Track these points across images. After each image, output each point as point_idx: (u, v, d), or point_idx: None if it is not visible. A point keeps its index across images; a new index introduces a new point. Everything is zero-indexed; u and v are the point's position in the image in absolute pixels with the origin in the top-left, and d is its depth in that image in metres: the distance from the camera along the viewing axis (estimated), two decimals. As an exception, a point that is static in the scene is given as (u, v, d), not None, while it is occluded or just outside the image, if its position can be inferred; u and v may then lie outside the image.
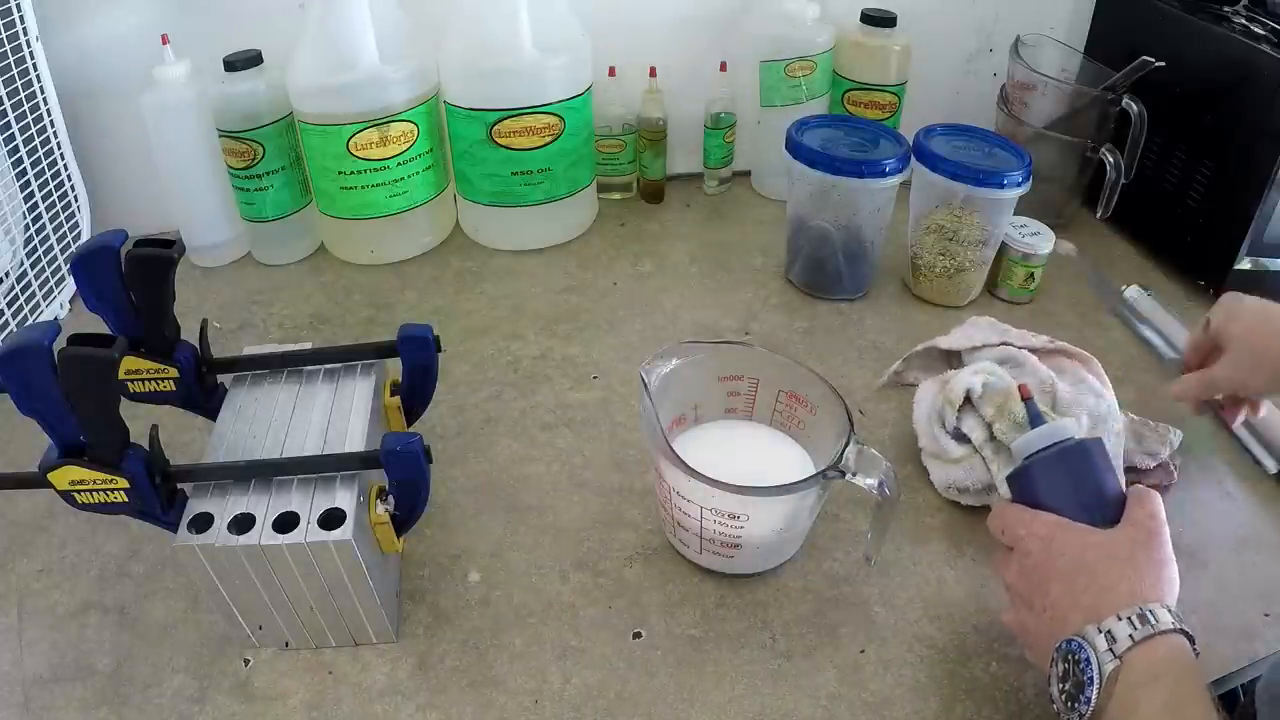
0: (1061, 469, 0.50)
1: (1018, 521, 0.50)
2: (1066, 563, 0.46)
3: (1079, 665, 0.43)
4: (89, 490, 0.49)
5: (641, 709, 0.53)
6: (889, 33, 0.97)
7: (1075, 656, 0.43)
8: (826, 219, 0.86)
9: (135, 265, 0.52)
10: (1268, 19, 0.85)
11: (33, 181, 0.83)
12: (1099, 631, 0.43)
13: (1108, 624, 0.43)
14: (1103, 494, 0.49)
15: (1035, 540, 0.48)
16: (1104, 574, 0.45)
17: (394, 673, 0.55)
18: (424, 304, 0.89)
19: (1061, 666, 0.44)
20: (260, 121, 0.86)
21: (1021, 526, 0.49)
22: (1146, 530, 0.47)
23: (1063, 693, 0.44)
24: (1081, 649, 0.43)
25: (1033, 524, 0.49)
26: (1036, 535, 0.48)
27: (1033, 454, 0.51)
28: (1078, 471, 0.50)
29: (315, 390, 0.59)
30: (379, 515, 0.52)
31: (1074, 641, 0.44)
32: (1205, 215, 0.88)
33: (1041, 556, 0.47)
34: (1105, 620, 0.43)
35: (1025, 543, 0.49)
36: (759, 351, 0.62)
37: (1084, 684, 0.42)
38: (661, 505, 0.59)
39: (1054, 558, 0.47)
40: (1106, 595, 0.44)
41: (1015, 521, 0.50)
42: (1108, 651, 0.42)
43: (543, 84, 0.88)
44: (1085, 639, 0.43)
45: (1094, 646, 0.42)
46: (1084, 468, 0.50)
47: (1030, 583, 0.48)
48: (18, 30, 0.80)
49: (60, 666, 0.55)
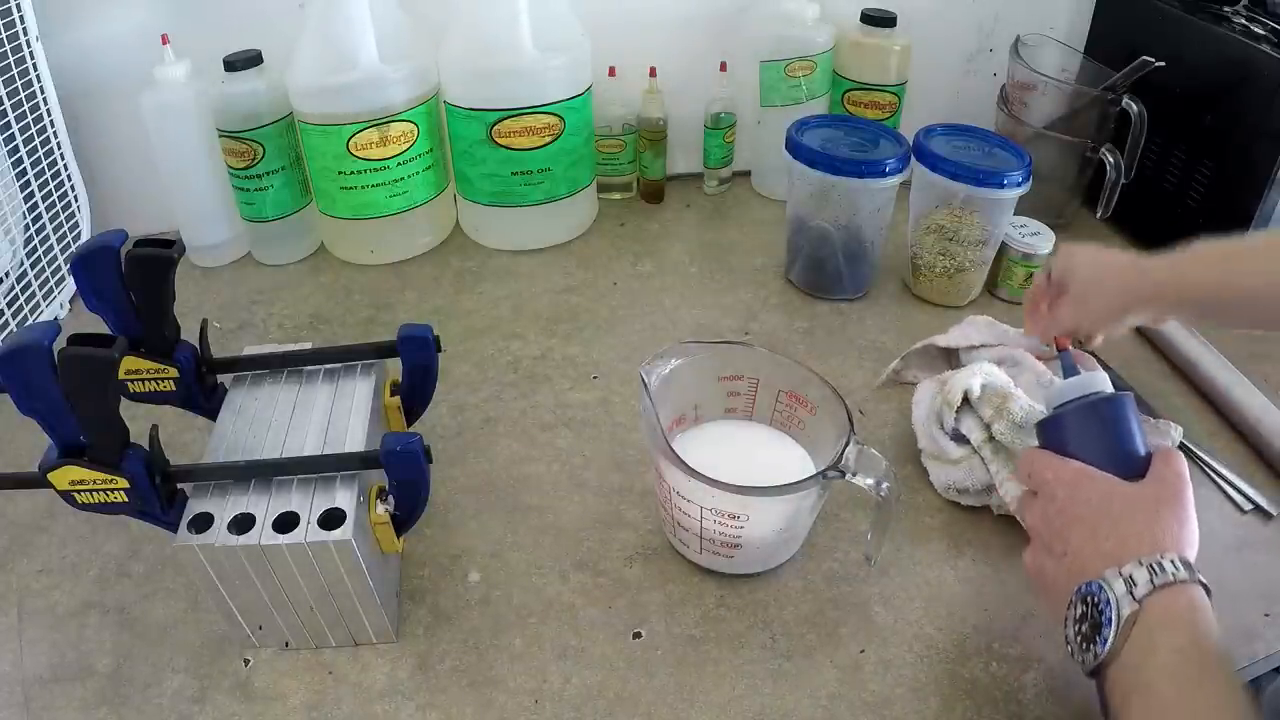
0: (1092, 420, 0.50)
1: (1045, 466, 0.50)
2: (1090, 509, 0.47)
3: (1097, 607, 0.43)
4: (89, 490, 0.49)
5: (641, 709, 0.53)
6: (889, 33, 0.97)
7: (1094, 599, 0.43)
8: (826, 219, 0.86)
9: (135, 265, 0.52)
10: (1268, 19, 0.85)
11: (33, 181, 0.83)
12: (1119, 576, 0.43)
13: (1128, 569, 0.43)
14: (1130, 449, 0.49)
15: (1061, 485, 0.48)
16: (1127, 522, 0.45)
17: (394, 673, 0.55)
18: (424, 304, 0.89)
19: (1079, 609, 0.44)
20: (260, 121, 0.86)
21: (1049, 471, 0.49)
22: (1172, 487, 0.47)
23: (1078, 634, 0.44)
24: (1101, 591, 0.43)
25: (1060, 469, 0.49)
26: (1063, 481, 0.48)
27: (1064, 403, 0.51)
28: (1108, 424, 0.50)
29: (315, 390, 0.59)
30: (379, 515, 0.52)
31: (1094, 584, 0.44)
32: (1205, 215, 0.88)
33: (1066, 502, 0.48)
34: (1126, 565, 0.43)
35: (1051, 487, 0.49)
36: (759, 351, 0.62)
37: (1101, 625, 0.42)
38: (661, 505, 0.59)
39: (1078, 504, 0.47)
40: (1129, 542, 0.44)
41: (1043, 466, 0.50)
42: (1127, 595, 0.42)
43: (543, 84, 0.88)
44: (1105, 582, 0.43)
45: (1114, 590, 0.43)
46: (1114, 421, 0.50)
47: (1053, 527, 0.48)
48: (18, 30, 0.80)
49: (60, 666, 0.55)
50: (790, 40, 0.97)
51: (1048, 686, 0.54)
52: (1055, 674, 0.54)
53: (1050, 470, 0.50)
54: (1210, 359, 0.77)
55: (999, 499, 0.62)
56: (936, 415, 0.67)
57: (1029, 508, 0.51)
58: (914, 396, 0.71)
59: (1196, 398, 0.76)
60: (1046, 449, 0.52)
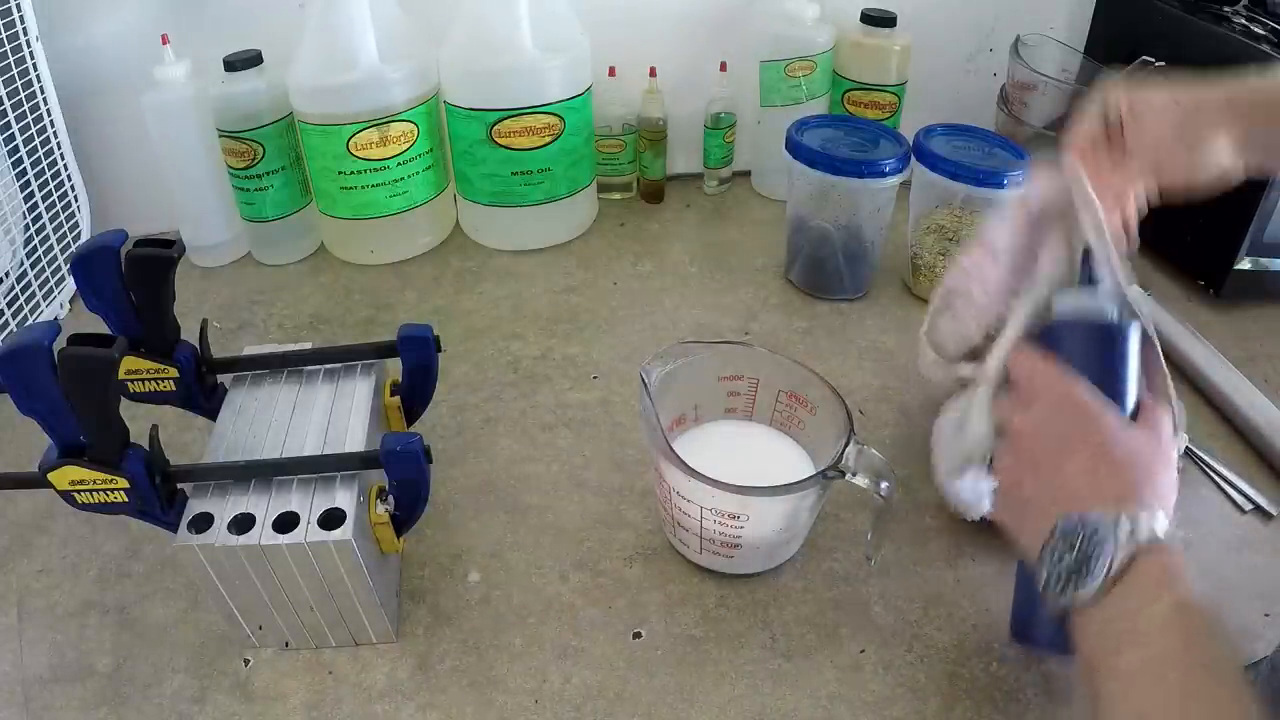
0: (1094, 342, 0.47)
1: (1052, 380, 0.47)
2: (1094, 443, 0.44)
3: (1090, 541, 0.41)
4: (89, 490, 0.49)
5: (641, 709, 0.53)
6: (889, 33, 0.97)
7: (1088, 534, 0.41)
8: (826, 219, 0.86)
9: (135, 265, 0.52)
10: (1268, 19, 0.85)
11: (33, 181, 0.83)
12: (1121, 517, 0.41)
13: (1131, 512, 0.41)
14: (1125, 387, 0.47)
15: (1067, 406, 0.46)
16: (1129, 470, 0.44)
17: (394, 673, 0.55)
18: (424, 304, 0.89)
19: (1066, 539, 0.42)
20: (260, 121, 0.86)
21: (1059, 384, 0.46)
22: (1167, 449, 0.45)
23: (1058, 566, 0.42)
24: (1098, 528, 0.41)
25: (1069, 390, 0.46)
26: (1068, 403, 0.46)
27: (1075, 314, 0.48)
28: (1109, 352, 0.47)
29: (315, 390, 0.59)
30: (379, 515, 0.52)
31: (1089, 517, 0.42)
32: (1205, 215, 0.88)
33: (1067, 428, 0.45)
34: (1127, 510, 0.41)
35: (1056, 403, 0.46)
36: (759, 351, 0.62)
37: (1091, 562, 0.41)
38: (661, 505, 0.59)
39: (1081, 435, 0.45)
40: (1130, 489, 0.43)
41: (1048, 379, 0.47)
42: (1130, 540, 0.40)
43: (543, 84, 0.88)
44: (1104, 520, 0.41)
45: (1114, 530, 0.41)
46: (1120, 355, 0.47)
47: (1044, 448, 0.46)
48: (18, 30, 0.80)
49: (60, 666, 0.55)
50: (790, 40, 0.97)
51: (1047, 686, 0.54)
52: (1055, 674, 0.54)
53: (1059, 385, 0.46)
54: (1210, 359, 0.77)
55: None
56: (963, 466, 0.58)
57: (1016, 410, 0.48)
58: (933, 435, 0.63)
59: (1196, 398, 0.76)
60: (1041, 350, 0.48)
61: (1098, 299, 0.47)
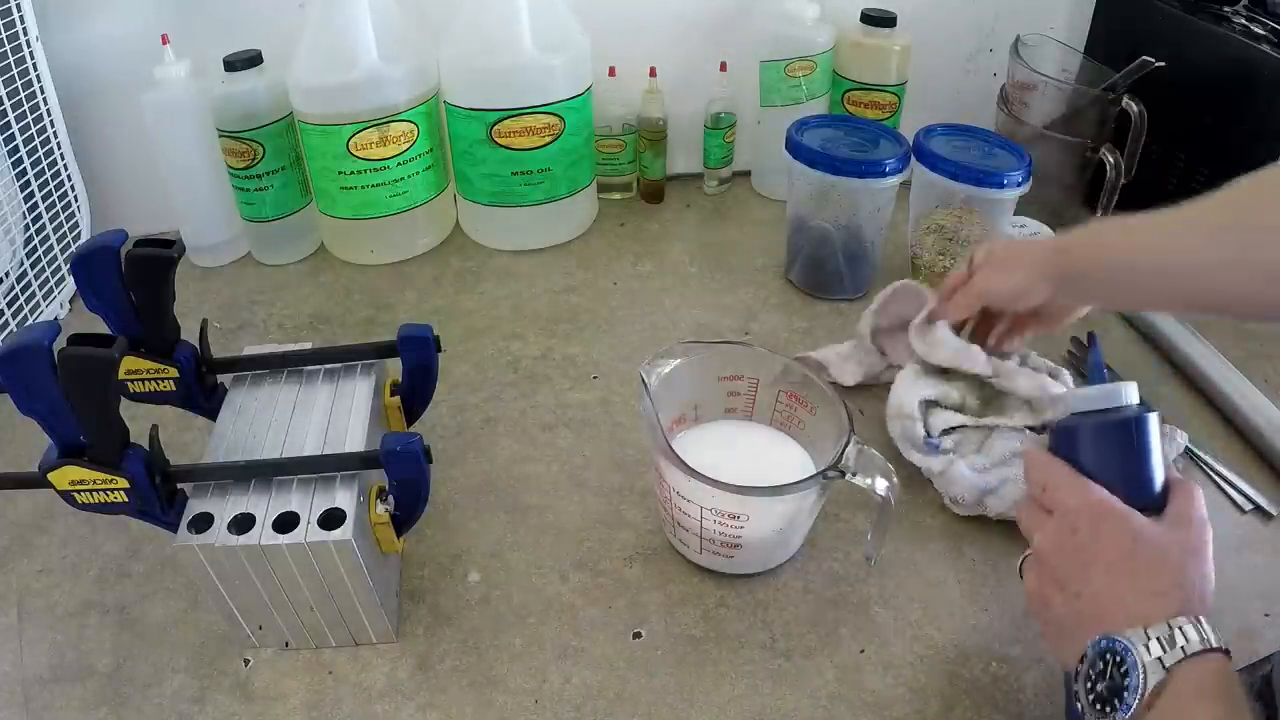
0: (1117, 440, 0.46)
1: (1068, 488, 0.46)
2: (1116, 554, 0.43)
3: (1119, 668, 0.40)
4: (89, 490, 0.49)
5: (641, 709, 0.53)
6: (889, 33, 0.97)
7: (1116, 658, 0.40)
8: (826, 219, 0.86)
9: (135, 265, 0.52)
10: (1268, 19, 0.85)
11: (33, 181, 0.83)
12: (1145, 638, 0.40)
13: (1155, 631, 0.40)
14: (1150, 477, 0.46)
15: (1084, 518, 0.45)
16: (1155, 577, 0.42)
17: (394, 673, 0.55)
18: (424, 304, 0.89)
19: (1097, 665, 0.41)
20: (260, 121, 0.86)
21: (1070, 496, 0.46)
22: (1198, 536, 0.44)
23: (1092, 692, 0.41)
24: (1126, 652, 0.40)
25: (1084, 498, 0.45)
26: (1086, 512, 0.45)
27: (1087, 412, 0.47)
28: (1132, 447, 0.46)
29: (315, 390, 0.59)
30: (379, 515, 0.52)
31: (1116, 642, 0.41)
32: (1205, 215, 0.88)
33: (1088, 538, 0.44)
34: (1153, 627, 0.40)
35: (1072, 517, 0.45)
36: (759, 351, 0.62)
37: (1124, 690, 0.40)
38: (661, 505, 0.59)
39: (1103, 544, 0.44)
40: (1156, 600, 0.41)
41: (1064, 486, 0.46)
42: (1156, 661, 0.39)
43: (543, 84, 0.88)
44: (1130, 643, 0.40)
45: (1140, 653, 0.40)
46: (1141, 447, 0.46)
47: (1069, 562, 0.45)
48: (18, 30, 0.80)
49: (60, 666, 0.55)
50: (790, 40, 0.97)
51: (1048, 686, 0.54)
52: (1055, 674, 0.54)
53: (1072, 496, 0.46)
54: (1210, 359, 0.77)
55: (994, 505, 0.62)
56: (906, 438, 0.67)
57: (1039, 526, 0.47)
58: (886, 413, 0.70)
59: (1196, 397, 0.76)
60: (1057, 455, 0.48)
61: (1113, 391, 0.47)
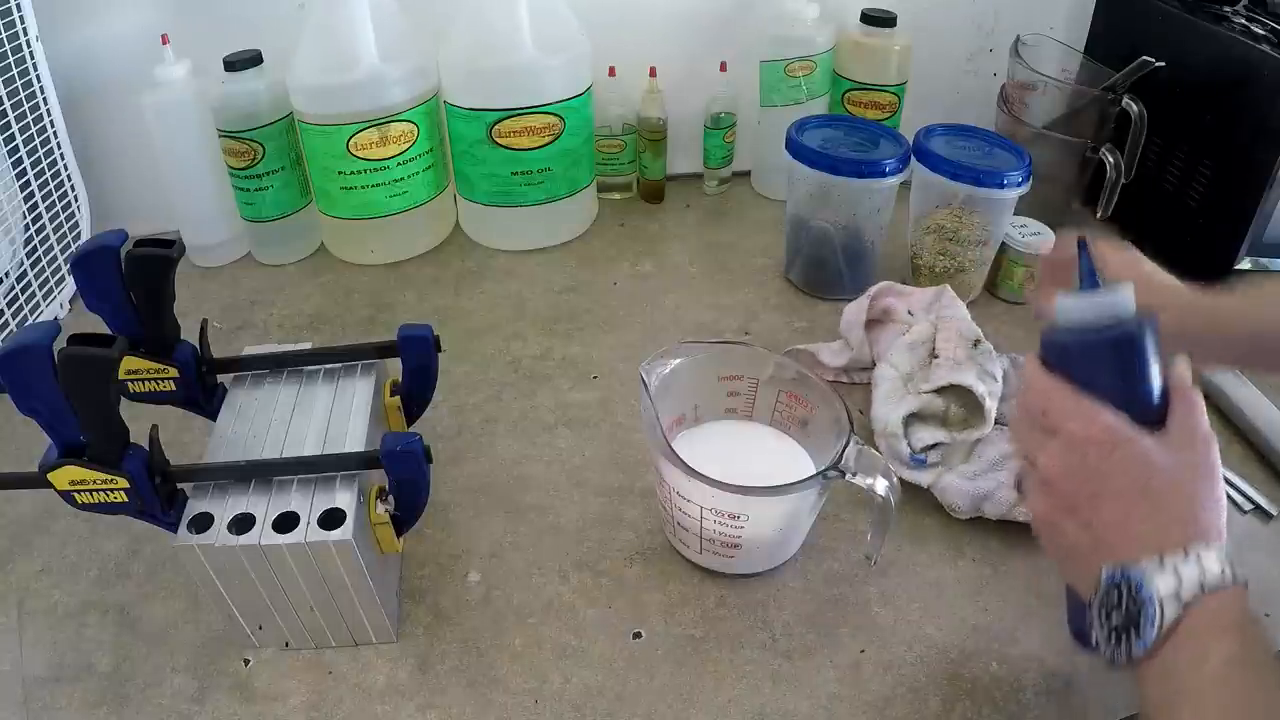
0: (1113, 357, 0.43)
1: (1073, 414, 0.43)
2: (1128, 482, 0.42)
3: (1135, 601, 0.39)
4: (89, 490, 0.49)
5: (641, 709, 0.53)
6: (889, 32, 0.97)
7: (1132, 591, 0.39)
8: (826, 219, 0.86)
9: (135, 265, 0.52)
10: (1268, 19, 0.85)
11: (33, 181, 0.83)
12: (1161, 569, 0.39)
13: (1172, 561, 0.39)
14: (1150, 390, 0.43)
15: (1094, 446, 0.42)
16: (1168, 505, 0.41)
17: (394, 673, 0.55)
18: (424, 304, 0.89)
19: (1112, 596, 0.40)
20: (260, 121, 0.86)
21: (1073, 421, 0.43)
22: (1205, 454, 0.42)
23: (1107, 624, 0.40)
24: (1141, 586, 0.39)
25: (1092, 424, 0.43)
26: (1094, 441, 0.42)
27: (1081, 326, 0.43)
28: (1131, 364, 0.43)
29: (315, 390, 0.59)
30: (379, 515, 0.52)
31: (1132, 573, 0.39)
32: (1205, 215, 0.88)
33: (1098, 464, 0.42)
34: (1169, 557, 0.39)
35: (1079, 443, 0.43)
36: (759, 351, 0.62)
37: (1140, 623, 0.39)
38: (662, 505, 0.59)
39: (1114, 471, 0.42)
40: (1170, 530, 0.40)
41: (1069, 412, 0.44)
42: (1173, 596, 0.38)
43: (543, 84, 0.88)
44: (1145, 575, 0.39)
45: (1156, 587, 0.39)
46: (1139, 361, 0.43)
47: (1079, 489, 0.43)
48: (18, 30, 0.80)
49: (60, 666, 0.55)
50: (790, 40, 0.97)
51: (1048, 686, 0.54)
52: (1055, 674, 0.54)
53: (1079, 421, 0.43)
54: (1210, 359, 0.77)
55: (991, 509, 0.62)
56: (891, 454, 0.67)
57: (1041, 448, 0.45)
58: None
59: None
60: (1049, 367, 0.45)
61: (1106, 302, 0.43)
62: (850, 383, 0.78)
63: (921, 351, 0.71)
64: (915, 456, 0.65)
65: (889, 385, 0.70)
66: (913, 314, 0.77)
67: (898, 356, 0.71)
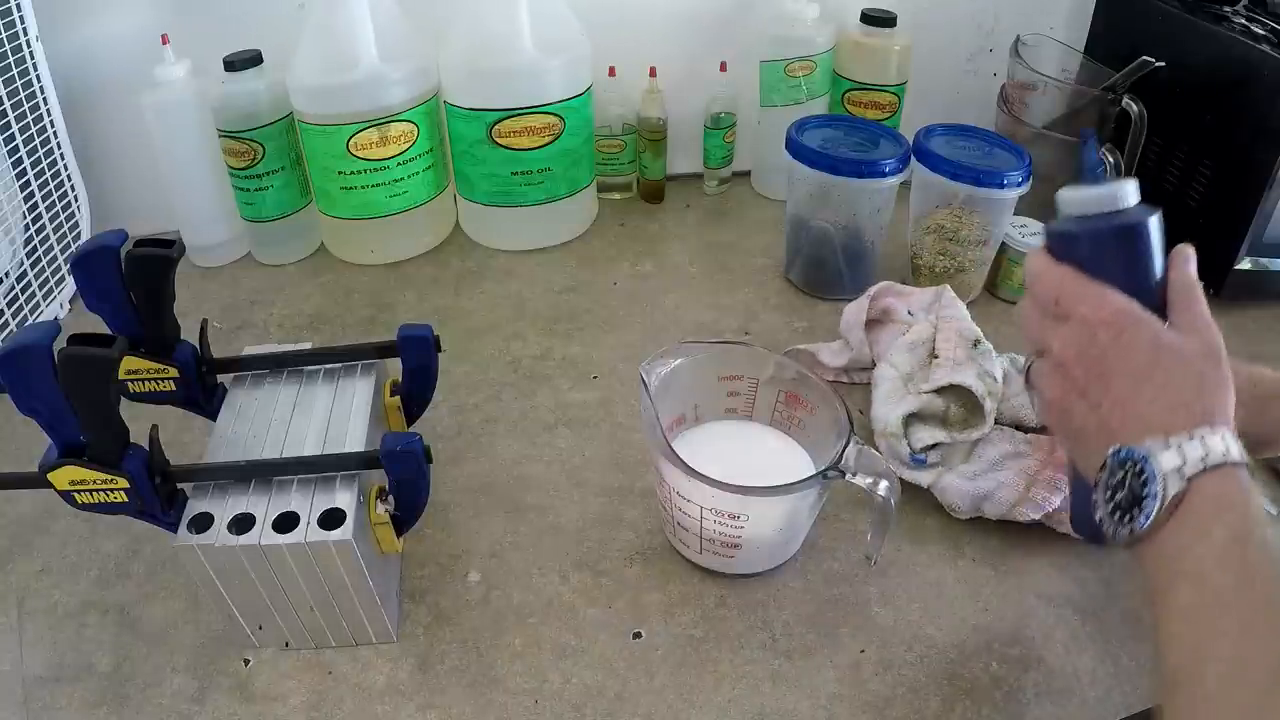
0: (1119, 247, 0.44)
1: (1083, 298, 0.44)
2: (1137, 364, 0.42)
3: (1139, 478, 0.39)
4: (89, 490, 0.49)
5: (641, 709, 0.53)
6: (889, 33, 0.97)
7: (1137, 469, 0.40)
8: (826, 219, 0.86)
9: (135, 265, 0.52)
10: (1268, 19, 0.85)
11: (33, 181, 0.83)
12: (1166, 447, 0.39)
13: (1176, 440, 0.39)
14: (1154, 281, 0.44)
15: (1103, 327, 0.43)
16: (1176, 386, 0.41)
17: (394, 673, 0.55)
18: (424, 304, 0.89)
19: (1117, 474, 0.41)
20: (260, 121, 0.86)
21: (1084, 305, 0.44)
22: (1211, 340, 0.43)
23: (1111, 501, 0.41)
24: (1146, 462, 0.39)
25: (1099, 306, 0.43)
26: (1104, 321, 0.43)
27: (1085, 216, 0.44)
28: (1136, 253, 0.44)
29: (315, 390, 0.59)
30: (379, 515, 0.52)
31: (1136, 451, 0.40)
32: (1205, 215, 0.88)
33: (1110, 347, 0.43)
34: (1175, 436, 0.39)
35: (1090, 326, 0.44)
36: (759, 351, 0.62)
37: (1143, 499, 0.39)
38: (662, 505, 0.59)
39: (1124, 353, 0.42)
40: (1177, 411, 0.41)
41: (1080, 296, 0.44)
42: (1176, 473, 0.39)
43: (543, 84, 0.88)
44: (1150, 453, 0.39)
45: (1160, 463, 0.39)
46: (1144, 251, 0.44)
47: (1090, 371, 0.44)
48: (18, 30, 0.80)
49: (60, 666, 0.55)
50: (790, 40, 0.97)
51: (1048, 686, 0.54)
52: (1055, 674, 0.54)
53: (1088, 305, 0.44)
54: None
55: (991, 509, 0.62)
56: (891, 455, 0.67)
57: (1054, 333, 0.45)
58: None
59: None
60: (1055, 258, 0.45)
61: (1108, 193, 0.43)
62: (850, 383, 0.78)
63: (921, 351, 0.71)
64: (915, 456, 0.65)
65: (889, 385, 0.70)
66: (913, 314, 0.77)
67: (898, 356, 0.71)
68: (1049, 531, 0.62)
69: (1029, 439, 0.66)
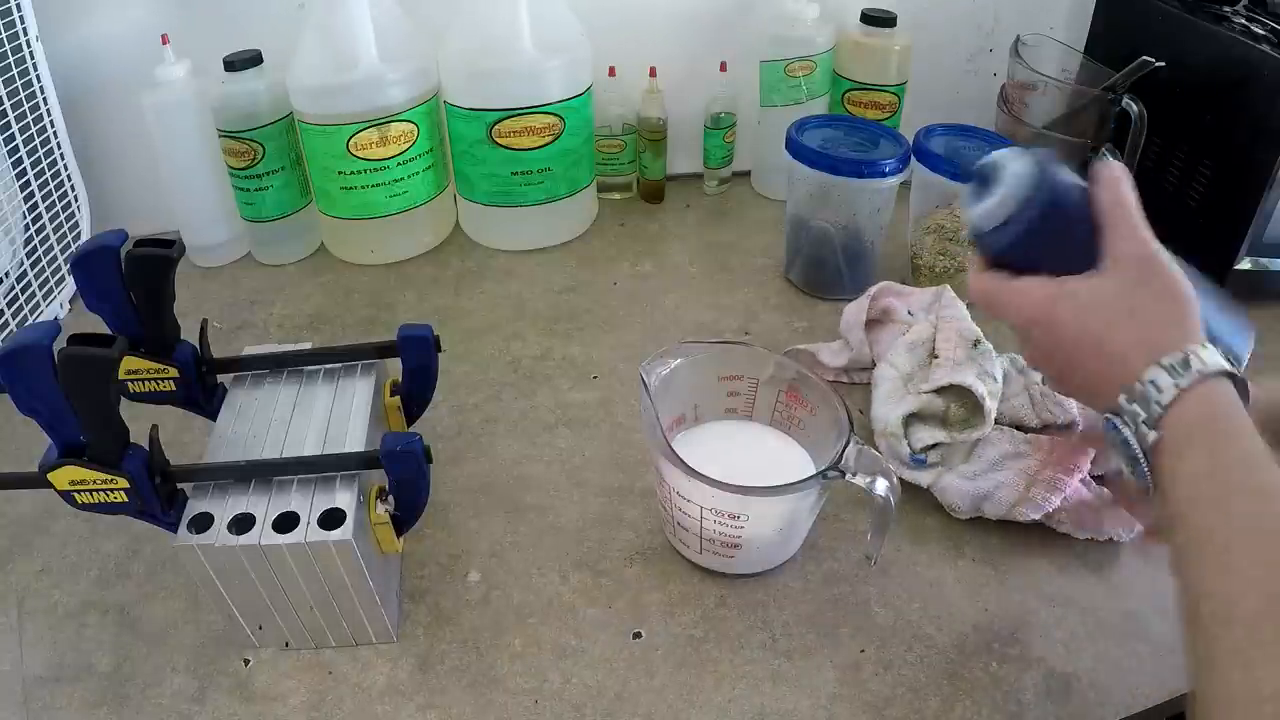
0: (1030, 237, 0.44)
1: (1006, 306, 0.46)
2: (1071, 340, 0.44)
3: (1123, 446, 0.41)
4: (89, 490, 0.49)
5: (641, 709, 0.53)
6: (889, 33, 0.97)
7: (1117, 440, 0.41)
8: (826, 219, 0.86)
9: (135, 265, 0.52)
10: (1268, 19, 0.85)
11: (33, 181, 0.83)
12: (1123, 409, 0.41)
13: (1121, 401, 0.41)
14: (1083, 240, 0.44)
15: (1034, 326, 0.45)
16: (1110, 340, 0.42)
17: (394, 673, 0.55)
18: (424, 304, 0.89)
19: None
20: (260, 121, 0.86)
21: (1010, 314, 0.46)
22: (1136, 263, 0.43)
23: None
24: (1115, 430, 0.41)
25: (1022, 307, 0.45)
26: (1033, 320, 0.45)
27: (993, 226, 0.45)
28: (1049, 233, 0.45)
29: (315, 390, 0.59)
30: (379, 515, 0.52)
31: (1109, 422, 0.42)
32: (1205, 215, 0.88)
33: (1047, 339, 0.45)
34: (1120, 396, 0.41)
35: (1025, 330, 0.46)
36: (759, 351, 0.62)
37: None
38: (661, 505, 0.59)
39: (1059, 338, 0.44)
40: (1121, 364, 0.41)
41: (1003, 306, 0.46)
42: (1144, 426, 0.40)
43: (543, 84, 0.88)
44: (1113, 423, 0.41)
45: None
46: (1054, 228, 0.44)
47: (1052, 364, 0.46)
48: (18, 30, 0.80)
49: (60, 666, 0.55)
50: (790, 40, 0.97)
51: (1048, 686, 0.54)
52: (1055, 674, 0.54)
53: (1009, 313, 0.46)
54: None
55: (991, 509, 0.62)
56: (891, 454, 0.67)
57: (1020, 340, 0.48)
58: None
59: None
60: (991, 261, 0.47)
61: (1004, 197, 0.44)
62: (850, 383, 0.78)
63: (921, 351, 0.71)
64: (915, 456, 0.65)
65: (889, 385, 0.70)
66: (913, 314, 0.77)
67: (898, 356, 0.71)
68: (1049, 531, 0.62)
69: (1029, 439, 0.66)
